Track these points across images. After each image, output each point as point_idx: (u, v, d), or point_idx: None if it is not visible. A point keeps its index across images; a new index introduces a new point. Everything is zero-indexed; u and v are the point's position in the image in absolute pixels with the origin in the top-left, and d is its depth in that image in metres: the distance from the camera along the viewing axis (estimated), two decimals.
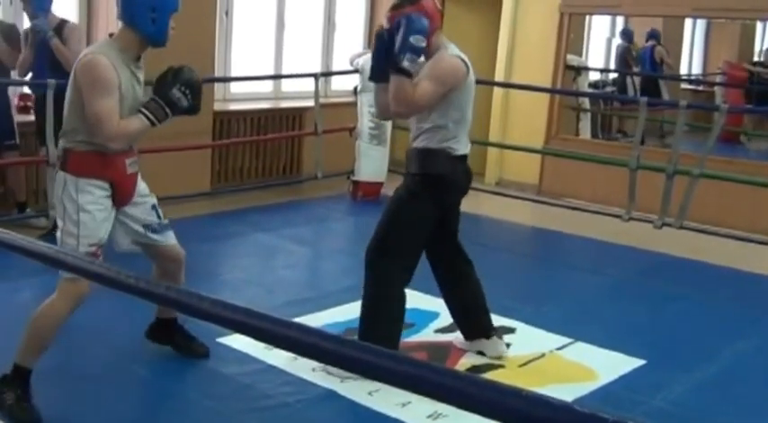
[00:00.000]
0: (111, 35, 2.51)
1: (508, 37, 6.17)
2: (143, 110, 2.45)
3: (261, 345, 2.63)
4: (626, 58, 7.95)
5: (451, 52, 2.71)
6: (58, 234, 2.48)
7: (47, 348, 2.47)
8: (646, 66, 8.11)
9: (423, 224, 2.76)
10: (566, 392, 2.69)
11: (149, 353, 2.93)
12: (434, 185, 2.73)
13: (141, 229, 2.61)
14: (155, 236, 2.64)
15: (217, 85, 5.42)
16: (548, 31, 5.99)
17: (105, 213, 2.47)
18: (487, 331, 3.02)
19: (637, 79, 8.02)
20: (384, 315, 2.79)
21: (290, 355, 2.71)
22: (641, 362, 3.07)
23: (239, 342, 2.92)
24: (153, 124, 2.45)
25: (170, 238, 2.69)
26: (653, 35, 8.09)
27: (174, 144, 4.85)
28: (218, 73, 5.39)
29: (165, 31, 2.47)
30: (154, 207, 2.66)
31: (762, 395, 2.90)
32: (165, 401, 2.63)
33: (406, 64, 2.54)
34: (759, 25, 9.34)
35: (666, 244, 4.66)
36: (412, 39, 2.54)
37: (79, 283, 2.37)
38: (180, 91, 2.50)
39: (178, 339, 2.89)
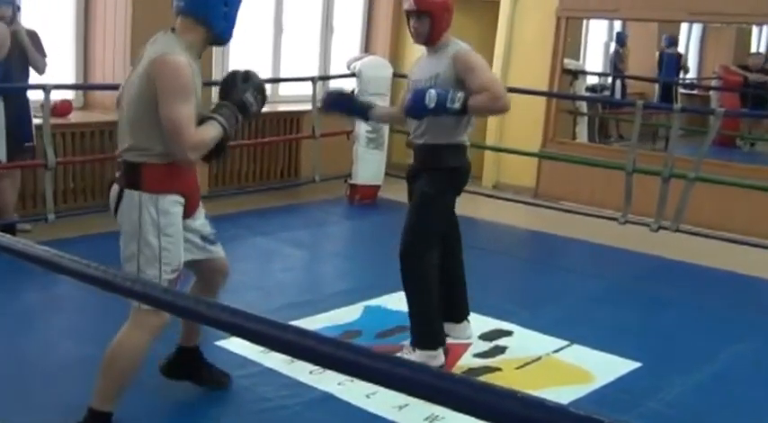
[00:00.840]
0: (172, 30, 2.22)
1: (505, 40, 6.19)
2: (217, 117, 2.21)
3: (258, 348, 2.65)
4: (615, 62, 8.00)
5: (463, 45, 2.84)
6: (128, 259, 2.19)
7: (126, 388, 2.25)
8: (670, 72, 8.19)
9: (447, 214, 2.97)
10: (562, 395, 2.70)
11: (147, 356, 2.92)
12: (457, 177, 2.92)
13: (200, 242, 2.38)
14: (211, 247, 2.41)
15: (214, 89, 5.42)
16: (545, 34, 6.01)
17: (181, 233, 2.24)
18: (463, 315, 3.12)
19: (625, 82, 8.08)
20: (433, 304, 2.91)
21: (288, 357, 2.72)
22: (637, 364, 3.08)
23: (237, 345, 2.92)
24: (225, 132, 2.22)
25: (221, 249, 2.47)
26: (673, 42, 8.20)
27: None
28: (215, 77, 5.39)
29: (233, 28, 2.27)
30: (206, 216, 2.45)
31: (758, 398, 2.90)
32: (162, 405, 2.63)
33: (457, 105, 2.65)
34: (755, 30, 9.38)
35: (662, 247, 4.67)
36: (448, 104, 2.66)
37: (160, 313, 2.15)
38: (252, 95, 2.32)
39: (201, 371, 2.62)
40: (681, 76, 8.52)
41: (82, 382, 2.74)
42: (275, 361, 2.83)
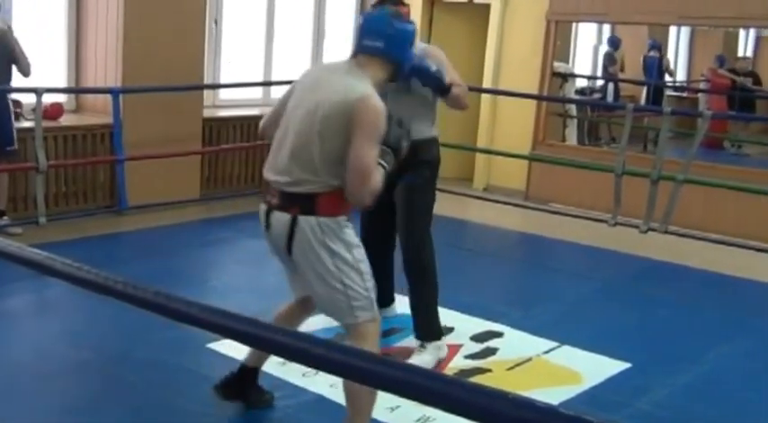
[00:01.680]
0: (354, 60, 2.21)
1: (496, 44, 6.21)
2: (383, 163, 2.19)
3: (251, 350, 2.63)
4: (606, 65, 8.06)
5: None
6: (329, 284, 2.15)
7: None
8: (652, 75, 8.28)
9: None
10: (552, 396, 2.70)
11: (137, 358, 2.92)
12: (437, 169, 3.09)
13: None
14: None
15: (206, 92, 5.42)
16: (535, 38, 6.03)
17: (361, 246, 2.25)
18: (391, 299, 3.34)
19: (619, 85, 8.14)
20: (437, 294, 3.04)
21: (280, 359, 2.72)
22: (626, 365, 3.09)
23: (228, 347, 2.91)
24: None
25: None
26: (656, 46, 8.30)
27: (163, 151, 4.85)
28: (207, 80, 5.38)
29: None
30: None
31: (745, 398, 2.92)
32: (155, 408, 2.61)
33: (446, 81, 2.79)
34: (742, 33, 9.45)
35: (652, 248, 4.69)
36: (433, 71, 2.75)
37: (376, 319, 2.21)
38: (406, 141, 2.36)
39: (254, 393, 2.58)
40: (665, 78, 8.60)
41: (77, 386, 2.74)
42: (268, 363, 2.82)
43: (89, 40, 4.86)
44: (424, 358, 2.97)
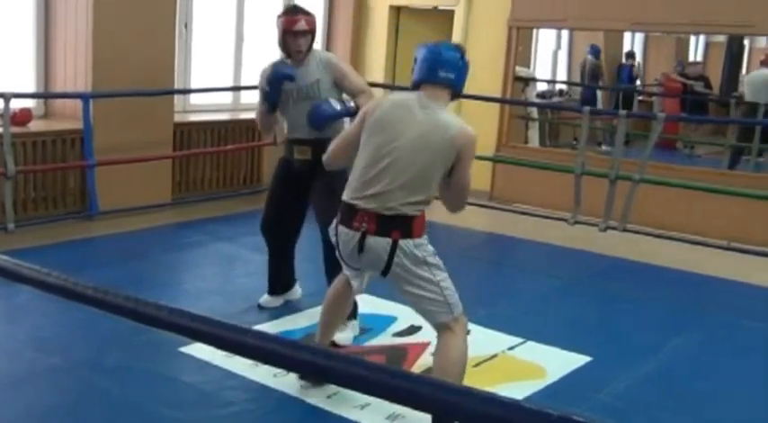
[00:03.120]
0: (428, 92, 2.43)
1: None
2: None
3: (221, 352, 2.61)
4: (597, 74, 8.26)
5: (325, 52, 3.44)
6: (436, 290, 2.38)
7: None
8: (626, 81, 8.68)
9: None
10: (517, 390, 2.73)
11: (108, 363, 2.87)
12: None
13: None
14: None
15: (177, 97, 5.35)
16: (497, 43, 6.09)
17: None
18: (294, 280, 3.60)
19: (595, 92, 8.41)
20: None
21: (251, 361, 2.69)
22: (588, 359, 3.14)
23: (200, 351, 2.88)
24: None
25: None
26: (631, 55, 8.77)
27: (134, 155, 4.77)
28: (177, 85, 5.32)
29: None
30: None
31: (700, 389, 2.99)
32: (126, 412, 2.57)
33: (352, 105, 3.18)
34: (692, 39, 9.67)
35: (611, 246, 4.77)
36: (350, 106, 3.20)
37: (464, 312, 2.43)
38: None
39: None
40: (636, 84, 8.94)
41: (47, 392, 2.68)
42: (239, 365, 2.80)
43: (58, 45, 4.76)
44: (347, 335, 3.14)
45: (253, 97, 5.92)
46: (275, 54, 6.27)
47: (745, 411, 2.82)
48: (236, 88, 5.84)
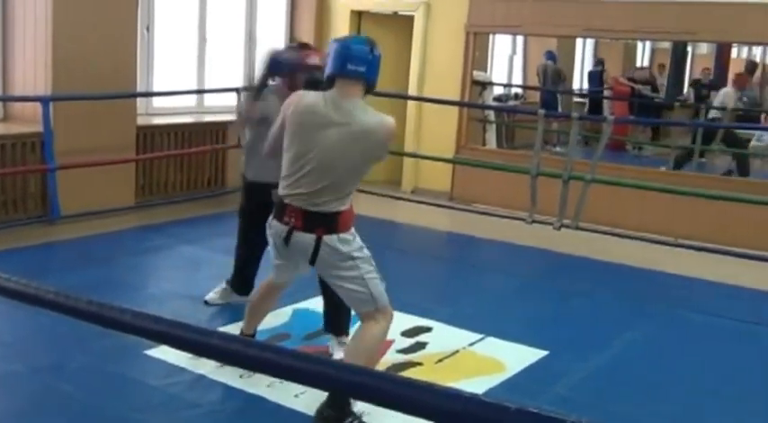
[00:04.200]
0: (337, 89, 2.39)
1: (420, 53, 6.29)
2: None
3: (187, 355, 2.57)
4: (558, 78, 8.43)
5: None
6: (361, 283, 2.39)
7: None
8: (595, 85, 9.10)
9: None
10: (477, 385, 2.76)
11: (72, 368, 2.79)
12: None
13: None
14: None
15: (139, 100, 5.25)
16: (455, 48, 6.14)
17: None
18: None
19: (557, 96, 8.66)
20: None
21: (217, 363, 2.65)
22: (545, 353, 3.18)
23: (166, 353, 2.82)
24: None
25: None
26: (600, 61, 9.16)
27: (97, 159, 4.66)
28: (140, 87, 5.22)
29: None
30: None
31: (649, 379, 3.06)
32: (91, 416, 2.51)
33: None
34: (639, 45, 9.91)
35: (565, 244, 4.85)
36: None
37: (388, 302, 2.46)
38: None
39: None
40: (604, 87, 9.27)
41: (10, 397, 2.59)
42: (205, 367, 2.76)
43: (16, 47, 4.62)
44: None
45: (216, 99, 5.87)
46: (237, 57, 6.26)
47: (692, 399, 2.90)
48: (200, 91, 5.76)
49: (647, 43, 9.64)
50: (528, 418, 0.91)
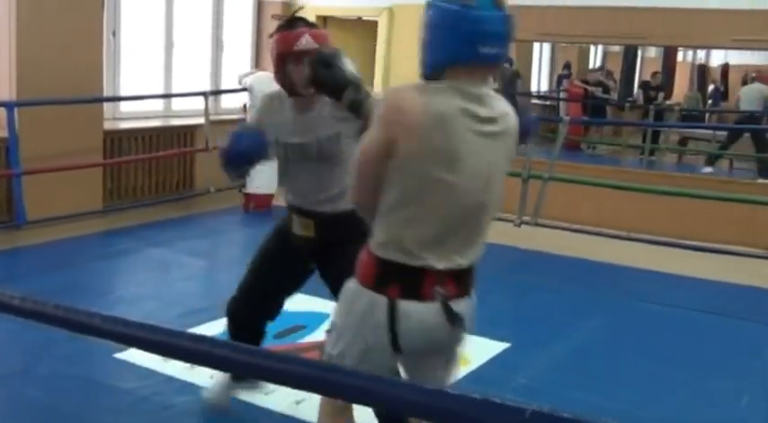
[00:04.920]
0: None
1: (384, 57, 6.30)
2: None
3: (157, 357, 2.52)
4: (515, 81, 8.53)
5: None
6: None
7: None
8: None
9: None
10: None
11: (40, 373, 2.72)
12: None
13: None
14: None
15: (106, 105, 5.14)
16: (418, 53, 6.16)
17: None
18: None
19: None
20: None
21: (187, 364, 2.62)
22: (507, 345, 3.22)
23: (136, 356, 2.77)
24: None
25: None
26: (567, 65, 9.33)
27: (63, 163, 4.55)
28: (107, 92, 5.11)
29: None
30: None
31: (607, 367, 3.13)
32: (61, 421, 2.45)
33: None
34: (592, 49, 10.10)
35: (526, 240, 4.91)
36: None
37: None
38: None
39: None
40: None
41: None
42: (175, 368, 2.72)
43: None
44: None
45: (183, 104, 5.78)
46: (204, 62, 6.18)
47: (650, 387, 2.97)
48: (167, 96, 5.67)
49: (599, 47, 9.84)
50: (492, 408, 0.93)
